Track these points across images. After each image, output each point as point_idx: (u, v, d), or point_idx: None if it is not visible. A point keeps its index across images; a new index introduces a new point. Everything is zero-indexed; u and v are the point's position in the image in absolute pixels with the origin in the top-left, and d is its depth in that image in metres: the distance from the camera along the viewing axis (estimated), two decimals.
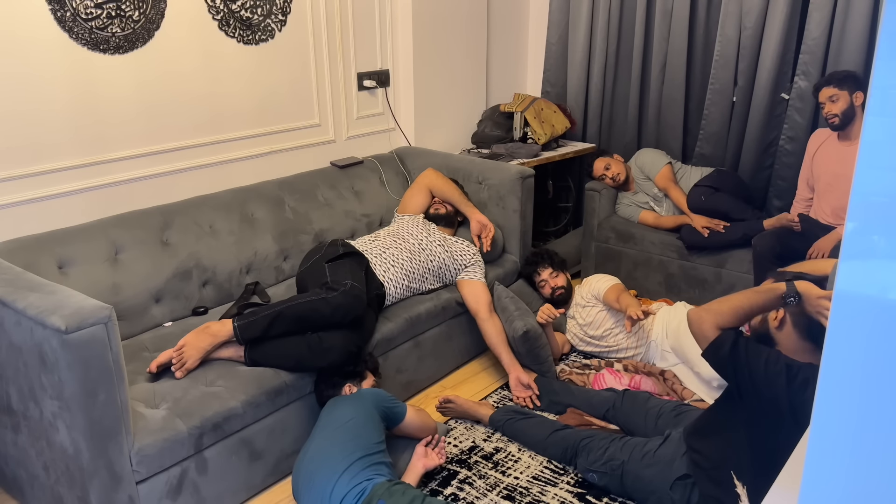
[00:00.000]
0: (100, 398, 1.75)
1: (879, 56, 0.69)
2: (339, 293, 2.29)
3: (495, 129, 3.85)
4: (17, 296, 1.79)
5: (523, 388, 2.72)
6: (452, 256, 2.87)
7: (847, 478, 0.79)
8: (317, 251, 2.67)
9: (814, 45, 3.29)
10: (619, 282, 2.97)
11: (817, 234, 2.99)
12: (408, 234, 2.85)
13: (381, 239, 2.81)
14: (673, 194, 3.51)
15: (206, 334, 2.18)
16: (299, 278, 2.63)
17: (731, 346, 1.83)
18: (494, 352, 2.84)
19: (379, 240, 2.80)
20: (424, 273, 2.80)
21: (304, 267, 2.62)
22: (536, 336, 2.76)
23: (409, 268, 2.74)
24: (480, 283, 2.90)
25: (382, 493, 1.86)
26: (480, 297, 2.86)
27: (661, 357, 2.87)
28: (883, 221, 0.71)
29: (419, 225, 2.91)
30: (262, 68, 2.96)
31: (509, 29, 4.18)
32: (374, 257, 2.70)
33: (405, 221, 2.95)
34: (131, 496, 1.88)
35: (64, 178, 2.45)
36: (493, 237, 2.98)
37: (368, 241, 2.81)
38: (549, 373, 2.84)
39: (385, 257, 2.72)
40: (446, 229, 3.01)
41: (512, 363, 2.78)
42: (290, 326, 2.23)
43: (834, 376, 0.77)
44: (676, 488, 2.02)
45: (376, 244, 2.77)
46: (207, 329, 2.19)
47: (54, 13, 2.31)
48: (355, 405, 2.12)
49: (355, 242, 2.79)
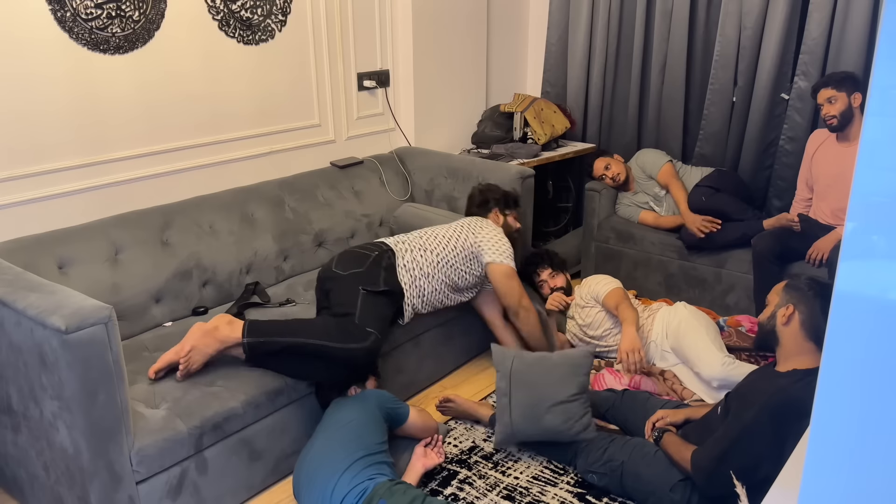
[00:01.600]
0: (100, 398, 1.75)
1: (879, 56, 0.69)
2: (360, 349, 2.20)
3: (495, 130, 3.85)
4: (17, 296, 1.79)
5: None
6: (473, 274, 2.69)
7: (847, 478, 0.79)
8: (357, 262, 2.45)
9: (814, 46, 3.29)
10: (619, 285, 2.96)
11: (817, 234, 2.99)
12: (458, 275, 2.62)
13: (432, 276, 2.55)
14: (674, 191, 3.50)
15: (213, 339, 2.11)
16: (328, 277, 2.45)
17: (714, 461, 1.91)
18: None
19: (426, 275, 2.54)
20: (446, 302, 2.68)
21: (338, 273, 2.43)
22: (543, 322, 2.79)
23: (439, 305, 2.65)
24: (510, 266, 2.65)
25: (384, 493, 1.86)
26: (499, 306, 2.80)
27: (660, 357, 2.88)
28: (883, 221, 0.72)
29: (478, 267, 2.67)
30: (262, 68, 2.96)
31: (509, 29, 4.18)
32: (414, 298, 2.53)
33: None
34: (131, 496, 1.88)
35: (64, 179, 2.45)
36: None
37: (416, 274, 2.53)
38: None
39: (423, 299, 2.56)
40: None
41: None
42: (300, 358, 2.18)
43: (834, 376, 0.77)
44: (676, 489, 2.02)
45: (424, 284, 2.54)
46: (216, 333, 2.12)
47: (54, 13, 2.31)
48: (359, 406, 2.13)
49: (401, 262, 2.51)
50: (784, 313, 1.97)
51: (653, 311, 2.97)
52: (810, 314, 1.94)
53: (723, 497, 1.89)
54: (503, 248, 2.64)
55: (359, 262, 2.46)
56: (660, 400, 2.44)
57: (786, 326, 1.97)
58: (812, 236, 2.99)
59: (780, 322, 1.98)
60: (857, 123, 2.96)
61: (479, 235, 2.65)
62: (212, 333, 2.11)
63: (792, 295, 1.99)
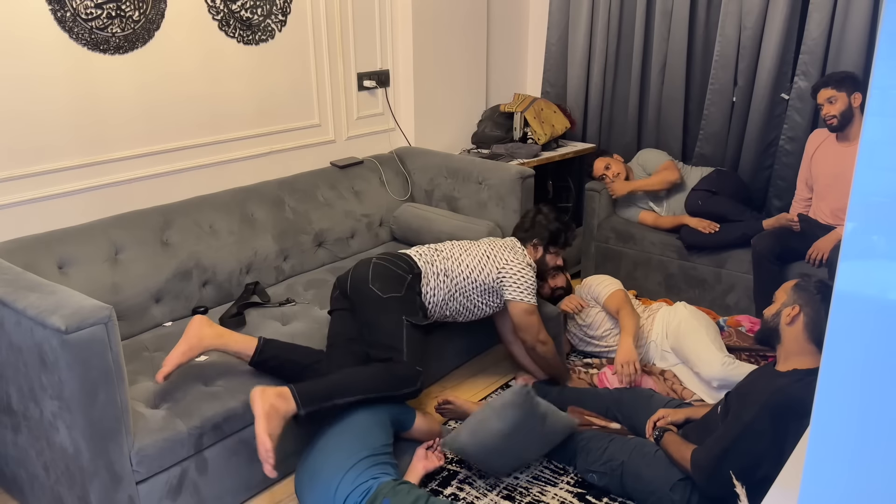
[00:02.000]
0: (100, 398, 1.75)
1: (879, 56, 0.69)
2: (414, 392, 2.19)
3: (495, 129, 3.85)
4: (17, 296, 1.79)
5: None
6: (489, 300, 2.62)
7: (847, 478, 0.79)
8: (395, 285, 2.35)
9: (814, 46, 3.29)
10: (620, 287, 2.95)
11: (817, 235, 2.99)
12: (473, 304, 2.57)
13: (447, 303, 2.51)
14: (670, 177, 3.50)
15: (278, 417, 1.96)
16: (363, 292, 2.34)
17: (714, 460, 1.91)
18: (526, 368, 2.84)
19: (443, 301, 2.49)
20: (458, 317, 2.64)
21: (376, 294, 2.33)
22: (559, 349, 2.79)
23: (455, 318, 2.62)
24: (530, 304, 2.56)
25: (387, 492, 1.86)
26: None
27: (661, 357, 2.88)
28: (883, 221, 0.72)
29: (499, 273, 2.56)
30: (262, 68, 2.96)
31: (509, 29, 4.18)
32: (432, 318, 2.52)
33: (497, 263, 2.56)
34: (131, 496, 1.88)
35: (64, 179, 2.45)
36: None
37: (435, 301, 2.48)
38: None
39: (436, 318, 2.53)
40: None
41: (541, 374, 2.81)
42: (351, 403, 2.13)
43: (834, 376, 0.77)
44: (676, 489, 2.02)
45: (441, 309, 2.50)
46: (276, 413, 1.96)
47: (54, 13, 2.31)
48: (366, 409, 2.12)
49: (426, 289, 2.44)
50: (789, 313, 1.97)
51: (653, 312, 2.97)
52: (815, 317, 1.94)
53: (723, 497, 1.89)
54: (526, 285, 2.52)
55: (396, 286, 2.36)
56: (663, 398, 2.44)
57: (789, 326, 1.97)
58: (812, 236, 2.99)
59: (784, 321, 1.98)
60: (857, 123, 2.96)
61: (504, 271, 2.52)
62: (273, 416, 1.97)
63: (799, 295, 1.98)
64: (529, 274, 2.55)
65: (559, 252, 2.80)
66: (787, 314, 1.98)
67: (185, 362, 2.10)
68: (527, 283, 2.53)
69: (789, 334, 1.98)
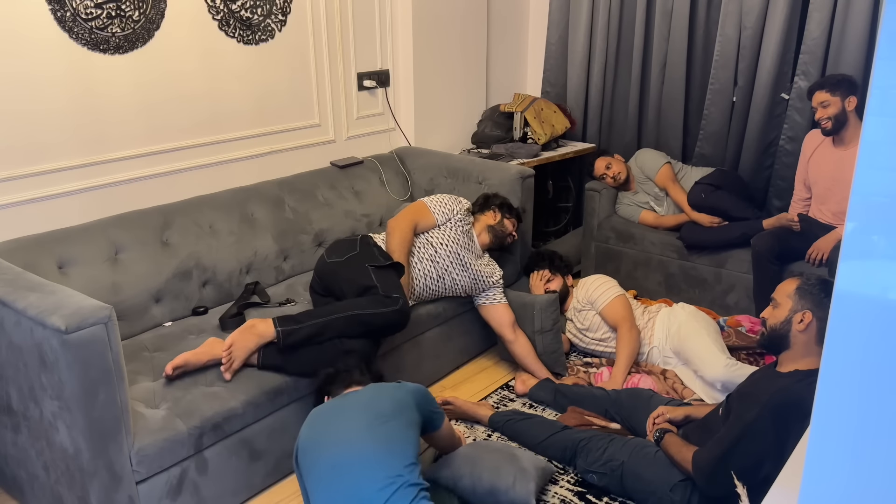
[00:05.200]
0: (100, 398, 1.75)
1: (879, 56, 0.69)
2: (394, 311, 2.27)
3: (495, 129, 3.85)
4: (17, 296, 1.79)
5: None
6: (475, 280, 2.81)
7: (847, 478, 0.79)
8: (349, 247, 2.56)
9: (814, 45, 3.29)
10: (619, 294, 2.92)
11: (817, 234, 2.99)
12: (444, 250, 2.74)
13: (419, 251, 2.71)
14: (673, 193, 3.51)
15: (252, 334, 2.16)
16: (327, 270, 2.52)
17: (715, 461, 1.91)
18: (526, 367, 2.85)
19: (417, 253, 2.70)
20: (442, 293, 2.78)
21: (336, 260, 2.51)
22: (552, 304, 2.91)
23: (432, 288, 2.73)
24: (502, 305, 2.86)
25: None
26: (504, 319, 2.85)
27: (663, 362, 2.86)
28: (883, 221, 0.72)
29: (460, 237, 2.78)
30: (262, 68, 2.96)
31: (509, 29, 4.18)
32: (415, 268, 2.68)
33: (449, 230, 2.79)
34: (131, 496, 1.88)
35: (64, 178, 2.45)
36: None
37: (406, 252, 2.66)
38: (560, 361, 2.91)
39: (416, 275, 2.68)
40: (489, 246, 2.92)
41: (542, 372, 2.82)
42: (336, 334, 2.21)
43: (834, 376, 0.77)
44: (677, 489, 2.02)
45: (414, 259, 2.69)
46: (253, 328, 2.16)
47: (54, 13, 2.31)
48: (399, 401, 1.87)
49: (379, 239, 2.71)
50: (801, 319, 1.93)
51: (652, 315, 2.95)
52: (827, 321, 1.92)
53: (723, 497, 1.89)
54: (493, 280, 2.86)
55: (350, 248, 2.56)
56: (662, 398, 2.44)
57: (803, 333, 1.93)
58: (812, 236, 2.99)
59: (797, 329, 1.94)
60: (852, 127, 2.96)
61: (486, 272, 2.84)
62: (248, 329, 2.17)
63: (807, 300, 1.94)
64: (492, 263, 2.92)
65: (515, 223, 2.97)
66: (799, 321, 1.93)
67: (193, 360, 2.12)
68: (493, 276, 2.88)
69: (800, 340, 1.95)
